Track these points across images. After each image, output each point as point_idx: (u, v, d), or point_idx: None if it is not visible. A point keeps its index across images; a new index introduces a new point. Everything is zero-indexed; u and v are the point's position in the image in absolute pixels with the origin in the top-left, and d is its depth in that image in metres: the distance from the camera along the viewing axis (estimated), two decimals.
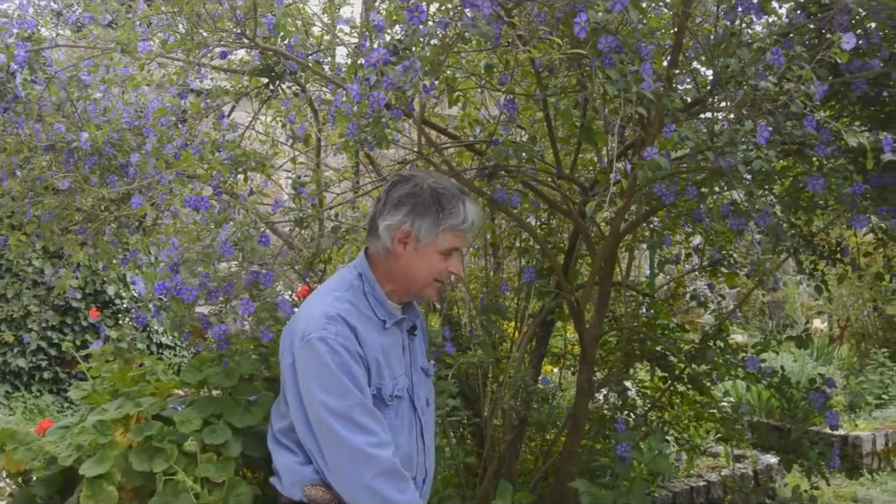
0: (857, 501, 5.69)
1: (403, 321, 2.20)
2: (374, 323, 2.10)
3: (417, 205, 2.08)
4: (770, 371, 3.10)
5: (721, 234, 3.19)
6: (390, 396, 2.09)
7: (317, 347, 1.97)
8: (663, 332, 3.44)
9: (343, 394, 1.96)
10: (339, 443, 1.95)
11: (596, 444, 3.48)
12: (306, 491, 2.05)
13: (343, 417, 1.95)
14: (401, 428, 2.13)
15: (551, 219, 3.66)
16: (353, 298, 2.09)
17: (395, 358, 2.14)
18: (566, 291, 2.89)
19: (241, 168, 2.61)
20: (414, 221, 2.08)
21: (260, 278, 2.44)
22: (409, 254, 2.10)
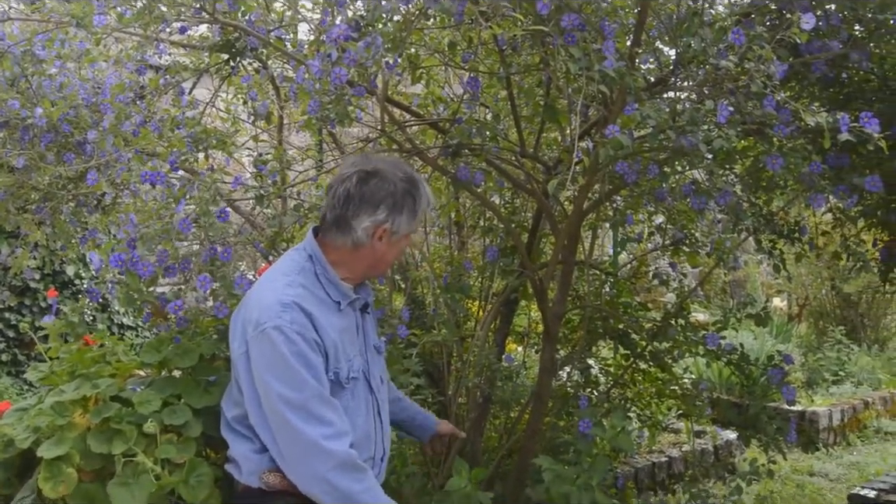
0: (814, 475, 5.81)
1: (356, 301, 2.19)
2: (328, 305, 2.08)
3: (396, 203, 2.10)
4: (730, 348, 3.13)
5: (683, 214, 3.20)
6: (347, 379, 2.07)
7: (272, 337, 1.93)
8: (626, 310, 3.47)
9: (300, 385, 1.93)
10: (295, 435, 1.93)
11: (559, 422, 3.51)
12: (263, 478, 2.03)
13: (299, 409, 1.93)
14: (357, 408, 2.12)
15: (515, 198, 3.66)
16: (306, 282, 2.07)
17: (350, 339, 2.13)
18: (530, 270, 2.89)
19: (202, 146, 2.57)
20: (394, 219, 2.09)
21: (217, 255, 2.40)
22: (385, 246, 2.12)
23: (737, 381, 3.51)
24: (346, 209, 2.08)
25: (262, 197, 2.57)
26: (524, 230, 3.36)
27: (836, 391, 7.36)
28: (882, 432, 6.90)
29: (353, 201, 2.07)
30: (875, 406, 7.10)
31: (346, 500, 1.95)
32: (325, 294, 2.09)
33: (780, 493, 5.31)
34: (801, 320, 9.57)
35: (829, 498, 5.24)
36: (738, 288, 10.51)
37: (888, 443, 6.66)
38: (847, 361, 7.98)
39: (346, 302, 2.13)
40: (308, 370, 1.94)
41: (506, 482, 3.09)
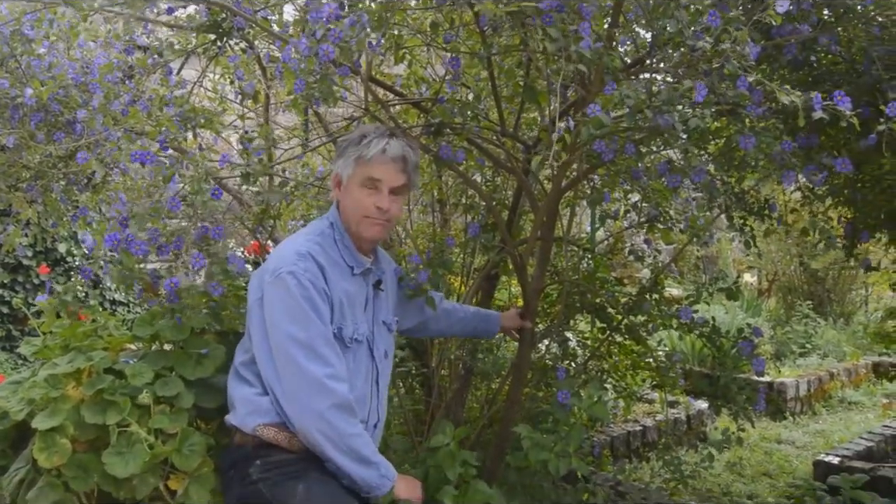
0: (781, 442, 5.89)
1: (370, 272, 2.24)
2: (341, 268, 2.16)
3: (345, 147, 2.16)
4: (702, 322, 3.16)
5: (658, 192, 3.21)
6: (350, 339, 2.14)
7: (286, 281, 2.03)
8: (602, 285, 3.48)
9: (307, 324, 2.02)
10: (300, 371, 2.00)
11: (538, 392, 3.53)
12: (259, 431, 2.08)
13: (305, 347, 2.00)
14: (357, 372, 2.17)
15: (496, 176, 3.66)
16: (324, 243, 2.18)
17: (360, 306, 2.20)
18: (510, 246, 2.90)
19: (190, 124, 2.55)
20: (338, 162, 2.19)
21: (209, 233, 2.40)
22: (342, 195, 2.19)
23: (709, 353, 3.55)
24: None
25: (248, 174, 2.56)
26: (504, 207, 3.37)
27: (803, 363, 7.45)
28: (846, 402, 6.99)
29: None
30: (840, 377, 7.20)
31: (339, 439, 2.01)
32: (340, 258, 2.18)
33: (749, 461, 5.38)
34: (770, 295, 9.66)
35: (796, 464, 5.31)
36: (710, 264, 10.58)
37: (851, 412, 6.75)
38: (814, 335, 8.07)
39: (358, 269, 2.19)
40: (316, 313, 2.04)
41: (487, 450, 3.12)
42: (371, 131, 2.20)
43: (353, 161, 2.18)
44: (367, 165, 2.17)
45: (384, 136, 2.18)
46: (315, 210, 3.12)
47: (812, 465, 4.73)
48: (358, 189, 2.19)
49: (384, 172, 2.17)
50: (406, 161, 2.20)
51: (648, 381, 5.13)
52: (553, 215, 2.97)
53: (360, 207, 2.19)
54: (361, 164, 2.18)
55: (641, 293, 3.31)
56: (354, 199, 2.20)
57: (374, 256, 2.33)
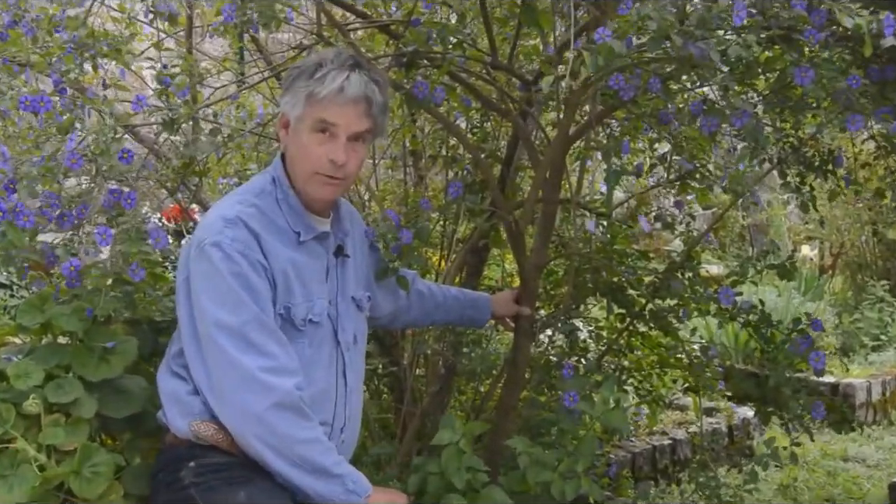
0: (848, 460, 5.91)
1: (327, 237, 2.25)
2: (285, 234, 2.17)
3: (294, 78, 2.17)
4: (747, 306, 3.18)
5: (692, 141, 3.22)
6: (303, 321, 2.16)
7: (210, 254, 2.06)
8: (622, 260, 3.49)
9: (237, 307, 2.04)
10: (229, 364, 2.02)
11: (539, 396, 3.55)
12: (194, 427, 2.11)
13: (235, 334, 2.03)
14: (317, 361, 2.19)
15: (485, 120, 3.66)
16: (263, 205, 2.19)
17: (316, 279, 2.21)
18: (503, 210, 2.90)
19: (89, 54, 2.53)
20: (284, 97, 2.23)
21: (120, 198, 2.39)
22: (289, 140, 2.21)
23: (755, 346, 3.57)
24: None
25: (169, 121, 2.54)
26: (496, 161, 3.37)
27: (877, 359, 7.49)
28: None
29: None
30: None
31: (284, 446, 2.03)
32: (283, 221, 2.20)
33: (807, 482, 5.42)
34: (835, 273, 9.71)
35: (867, 488, 5.34)
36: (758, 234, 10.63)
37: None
38: (890, 323, 8.10)
39: (309, 235, 2.19)
40: (248, 292, 2.06)
41: None
42: (329, 59, 2.18)
43: (303, 98, 2.17)
44: (321, 105, 2.16)
45: (344, 69, 2.16)
46: (254, 165, 3.11)
47: (888, 489, 4.78)
48: (308, 134, 2.18)
49: (341, 115, 2.16)
50: (370, 102, 2.19)
51: (679, 382, 5.17)
52: (558, 171, 2.97)
53: (310, 159, 2.18)
54: (313, 103, 2.16)
55: (671, 270, 3.33)
56: (303, 148, 2.19)
57: (335, 215, 2.33)
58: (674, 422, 5.61)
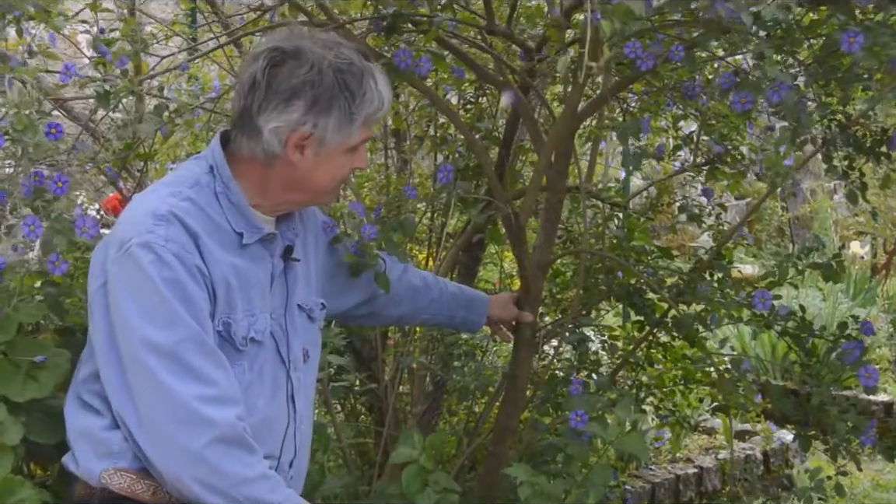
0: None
1: (274, 239, 2.22)
2: (225, 235, 2.13)
3: (320, 97, 2.12)
4: (786, 313, 3.17)
5: (723, 119, 3.22)
6: (244, 339, 2.12)
7: (138, 257, 1.99)
8: (640, 258, 3.49)
9: (170, 322, 1.99)
10: (161, 392, 1.97)
11: (543, 417, 3.55)
12: (105, 478, 2.05)
13: (169, 357, 1.97)
14: (258, 386, 2.16)
15: (480, 95, 3.65)
16: (200, 199, 2.13)
17: (258, 289, 2.17)
18: (501, 200, 2.90)
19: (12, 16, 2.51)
20: (318, 121, 2.12)
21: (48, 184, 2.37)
22: (310, 161, 2.17)
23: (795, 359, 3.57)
24: (251, 102, 2.12)
25: (107, 94, 2.53)
26: (493, 142, 3.36)
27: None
28: None
29: (258, 90, 2.11)
30: None
31: (228, 487, 2.00)
32: (224, 220, 2.14)
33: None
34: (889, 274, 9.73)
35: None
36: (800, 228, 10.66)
37: None
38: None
39: (253, 237, 2.16)
40: (185, 304, 2.00)
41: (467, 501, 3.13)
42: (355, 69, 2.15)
43: (360, 124, 2.17)
44: (370, 127, 2.24)
45: (373, 76, 2.19)
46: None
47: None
48: (343, 156, 2.20)
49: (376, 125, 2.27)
50: None
51: (707, 400, 5.17)
52: (566, 154, 2.97)
53: (340, 175, 2.25)
54: (369, 125, 2.22)
55: (697, 270, 3.33)
56: (333, 169, 2.21)
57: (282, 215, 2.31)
58: (700, 447, 5.62)
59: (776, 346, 6.68)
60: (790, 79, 2.33)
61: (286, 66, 2.10)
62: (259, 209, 2.20)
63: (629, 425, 2.67)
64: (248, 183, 2.18)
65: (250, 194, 2.18)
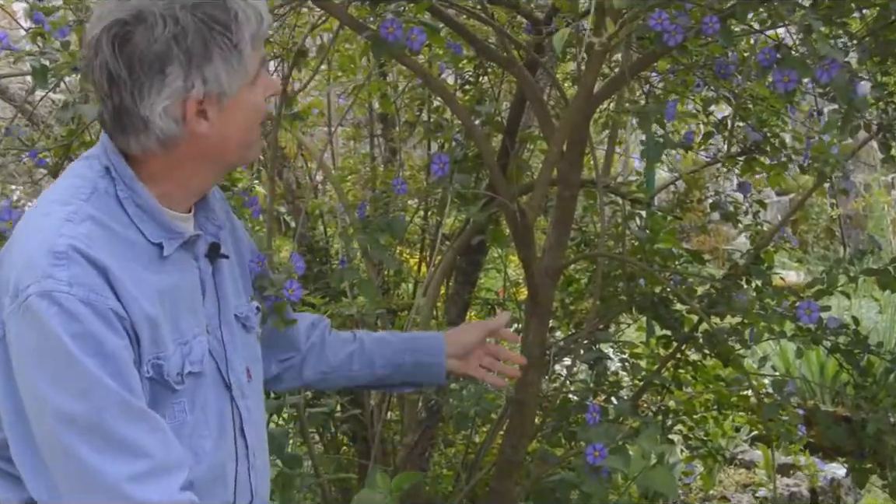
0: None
1: (197, 240, 2.14)
2: (140, 250, 2.01)
3: (192, 49, 1.99)
4: (836, 325, 3.18)
5: (762, 102, 3.22)
6: (180, 375, 2.03)
7: (38, 311, 1.85)
8: (665, 263, 3.50)
9: (87, 389, 1.86)
10: (86, 476, 1.88)
11: (554, 449, 3.55)
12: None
13: (90, 430, 1.87)
14: (203, 426, 2.09)
15: (481, 74, 3.65)
16: (101, 212, 1.98)
17: (188, 307, 2.09)
18: (505, 196, 2.90)
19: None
20: (205, 75, 1.98)
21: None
22: (218, 122, 2.03)
23: (847, 380, 3.57)
24: (120, 97, 2.02)
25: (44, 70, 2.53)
26: (496, 129, 3.36)
27: None
28: None
29: (121, 81, 1.97)
30: None
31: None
32: (135, 232, 2.02)
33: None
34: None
35: None
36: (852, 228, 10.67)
37: None
38: None
39: (174, 243, 2.07)
40: (102, 362, 1.88)
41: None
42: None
43: (248, 52, 2.09)
44: (259, 47, 2.12)
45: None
46: None
47: None
48: (250, 94, 2.12)
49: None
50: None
51: (744, 429, 5.17)
52: (579, 143, 2.97)
53: (258, 116, 2.13)
54: (258, 47, 2.11)
55: (733, 277, 3.33)
56: (248, 114, 2.11)
57: (201, 202, 2.23)
58: (737, 483, 5.63)
59: (825, 365, 6.69)
60: (840, 55, 2.33)
61: (136, 37, 1.95)
62: (174, 207, 2.08)
63: (654, 458, 2.67)
64: (153, 180, 2.06)
65: (158, 193, 2.05)
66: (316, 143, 3.99)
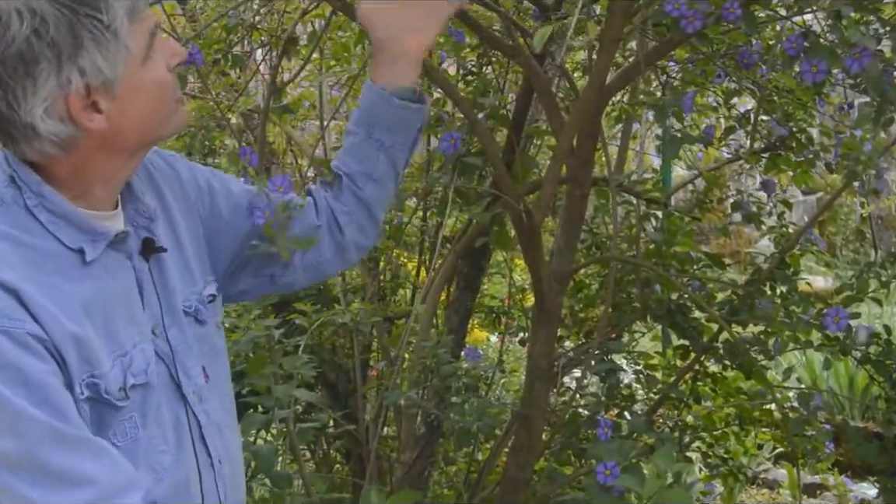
0: None
1: (126, 238, 2.10)
2: (59, 261, 1.95)
3: (58, 40, 1.92)
4: (866, 335, 3.18)
5: (787, 94, 3.22)
6: (122, 391, 1.98)
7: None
8: (683, 267, 3.50)
9: (15, 425, 1.84)
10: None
11: (563, 467, 3.55)
12: None
13: (25, 466, 1.84)
14: (159, 440, 2.06)
15: (485, 64, 3.65)
16: (9, 224, 1.89)
17: (124, 314, 2.04)
18: (511, 195, 2.90)
19: None
20: (81, 66, 1.90)
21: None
22: (115, 112, 1.95)
23: (879, 393, 3.57)
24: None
25: None
26: (501, 123, 3.37)
27: None
28: None
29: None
30: None
31: None
32: (51, 241, 1.97)
33: None
34: None
35: None
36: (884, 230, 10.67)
37: None
38: None
39: (98, 246, 2.02)
40: (26, 394, 1.84)
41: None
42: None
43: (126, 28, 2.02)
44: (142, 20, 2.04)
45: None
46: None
47: None
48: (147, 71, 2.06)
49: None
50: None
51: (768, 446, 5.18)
52: (591, 138, 2.97)
53: (166, 100, 2.07)
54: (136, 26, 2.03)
55: (756, 283, 3.33)
56: (151, 96, 2.05)
57: (126, 192, 2.19)
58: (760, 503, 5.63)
59: (854, 377, 6.69)
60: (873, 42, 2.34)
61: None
62: (96, 206, 2.02)
63: (671, 477, 2.67)
64: (65, 184, 2.01)
65: (73, 195, 1.98)
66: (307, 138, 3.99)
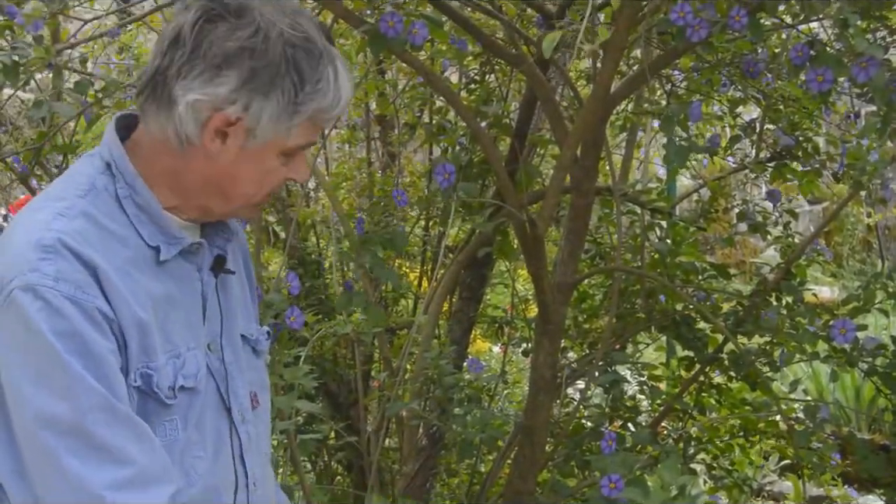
0: None
1: (199, 249, 2.13)
2: (136, 253, 2.00)
3: (259, 72, 1.97)
4: (873, 346, 3.18)
5: (793, 103, 3.22)
6: (171, 390, 2.03)
7: (22, 305, 1.86)
8: (687, 278, 3.50)
9: (71, 389, 1.87)
10: (67, 482, 1.89)
11: (566, 479, 3.55)
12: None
13: (71, 433, 1.89)
14: (197, 446, 2.08)
15: (487, 71, 3.66)
16: (97, 210, 1.98)
17: (184, 319, 2.08)
18: (514, 205, 2.90)
19: None
20: (251, 103, 1.95)
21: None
22: (231, 155, 2.01)
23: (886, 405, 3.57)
24: (170, 62, 2.00)
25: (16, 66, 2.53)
26: (504, 132, 3.37)
27: None
28: None
29: (181, 48, 1.95)
30: None
31: None
32: (132, 233, 2.01)
33: None
34: None
35: None
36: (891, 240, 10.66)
37: None
38: None
39: (172, 249, 2.06)
40: (87, 363, 1.88)
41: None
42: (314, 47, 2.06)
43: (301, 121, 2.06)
44: (318, 126, 2.10)
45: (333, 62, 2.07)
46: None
47: None
48: (275, 157, 2.10)
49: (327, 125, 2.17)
50: None
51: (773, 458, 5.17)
52: (595, 147, 2.97)
53: (267, 183, 2.09)
54: (308, 124, 2.08)
55: (761, 293, 3.33)
56: (259, 172, 2.08)
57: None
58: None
59: (861, 389, 6.68)
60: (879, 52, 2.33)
61: (224, 25, 1.94)
62: (177, 213, 2.06)
63: (675, 490, 2.66)
64: (159, 179, 2.04)
65: (163, 194, 2.03)
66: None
